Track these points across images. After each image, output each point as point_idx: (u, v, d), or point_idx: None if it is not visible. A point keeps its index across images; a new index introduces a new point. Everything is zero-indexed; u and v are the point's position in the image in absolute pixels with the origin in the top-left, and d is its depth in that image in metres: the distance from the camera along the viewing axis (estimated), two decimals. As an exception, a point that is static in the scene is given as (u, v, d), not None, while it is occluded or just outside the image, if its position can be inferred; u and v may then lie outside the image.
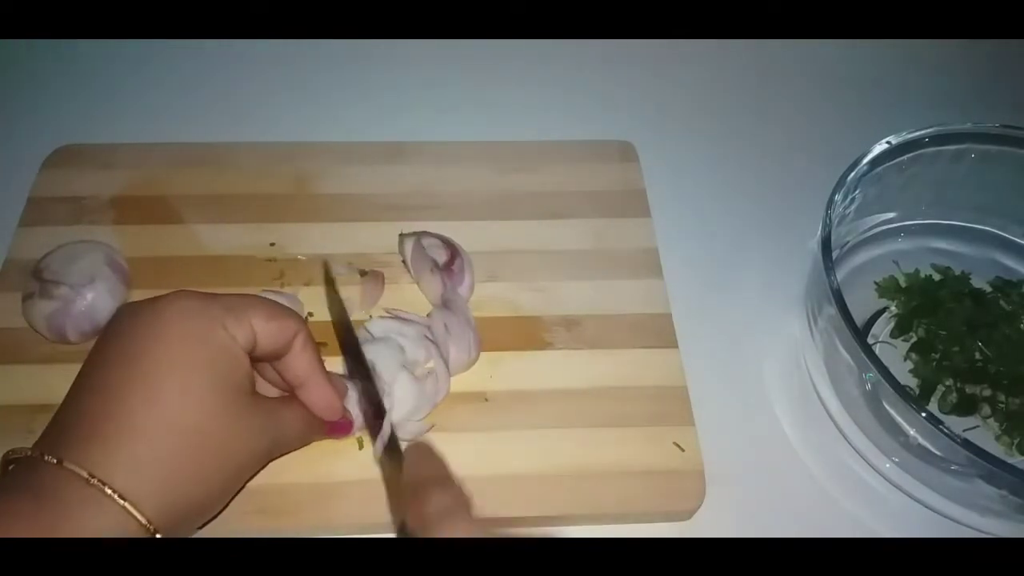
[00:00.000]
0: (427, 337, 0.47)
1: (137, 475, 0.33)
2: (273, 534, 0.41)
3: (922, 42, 0.69)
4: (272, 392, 0.41)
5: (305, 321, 0.40)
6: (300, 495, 0.42)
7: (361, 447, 0.45)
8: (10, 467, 0.34)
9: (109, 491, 0.32)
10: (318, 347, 0.41)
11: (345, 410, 0.42)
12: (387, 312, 0.49)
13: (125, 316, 0.37)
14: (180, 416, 0.34)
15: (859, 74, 0.70)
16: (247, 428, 0.36)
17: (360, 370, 0.44)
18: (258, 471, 0.39)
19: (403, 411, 0.44)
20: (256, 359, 0.39)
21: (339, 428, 0.43)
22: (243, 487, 0.39)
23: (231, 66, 0.66)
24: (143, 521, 0.32)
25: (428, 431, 0.45)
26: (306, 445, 0.42)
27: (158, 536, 0.33)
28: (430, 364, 0.46)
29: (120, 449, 0.33)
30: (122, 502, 0.32)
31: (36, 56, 0.65)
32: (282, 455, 0.40)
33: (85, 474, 0.32)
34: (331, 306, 0.49)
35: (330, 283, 0.50)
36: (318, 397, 0.41)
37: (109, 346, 0.36)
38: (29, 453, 0.33)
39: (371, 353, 0.45)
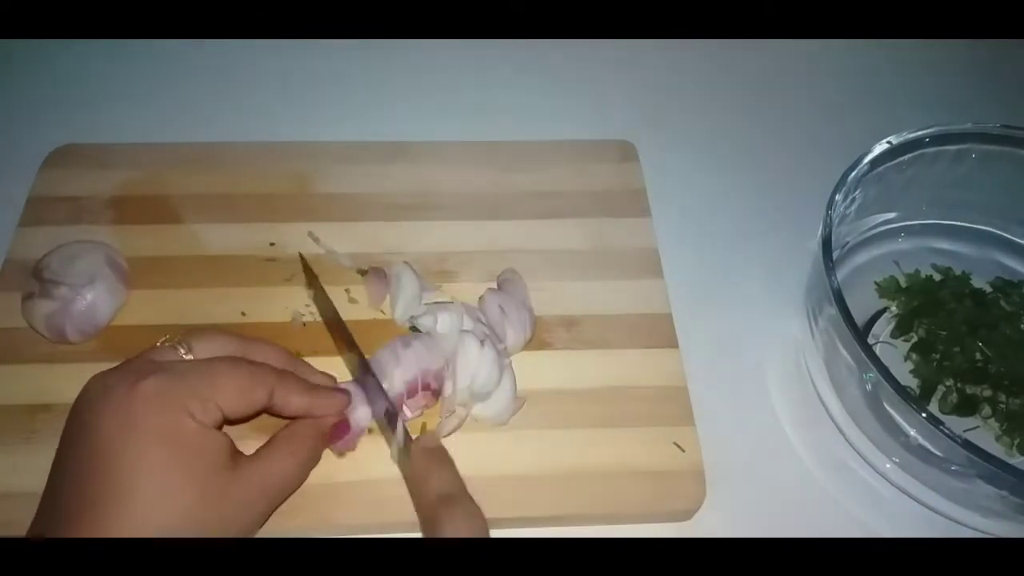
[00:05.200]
0: (479, 320, 0.47)
1: None
2: (274, 534, 0.41)
3: (922, 42, 0.69)
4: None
5: (281, 374, 0.40)
6: (301, 495, 0.42)
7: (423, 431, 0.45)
8: None
9: None
10: (296, 380, 0.40)
11: (343, 416, 0.42)
12: (428, 305, 0.48)
13: (93, 406, 0.36)
14: (161, 518, 0.34)
15: (859, 74, 0.70)
16: (237, 502, 0.36)
17: (366, 373, 0.43)
18: (266, 520, 0.39)
19: (480, 379, 0.44)
20: (234, 423, 0.39)
21: (339, 433, 0.42)
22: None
23: (231, 66, 0.65)
24: None
25: (522, 407, 0.46)
26: (312, 470, 0.41)
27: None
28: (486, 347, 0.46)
29: None
30: None
31: (36, 56, 0.65)
32: (288, 497, 0.40)
33: None
34: (320, 306, 0.48)
35: (313, 280, 0.49)
36: (324, 416, 0.42)
37: (80, 443, 0.35)
38: None
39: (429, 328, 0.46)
